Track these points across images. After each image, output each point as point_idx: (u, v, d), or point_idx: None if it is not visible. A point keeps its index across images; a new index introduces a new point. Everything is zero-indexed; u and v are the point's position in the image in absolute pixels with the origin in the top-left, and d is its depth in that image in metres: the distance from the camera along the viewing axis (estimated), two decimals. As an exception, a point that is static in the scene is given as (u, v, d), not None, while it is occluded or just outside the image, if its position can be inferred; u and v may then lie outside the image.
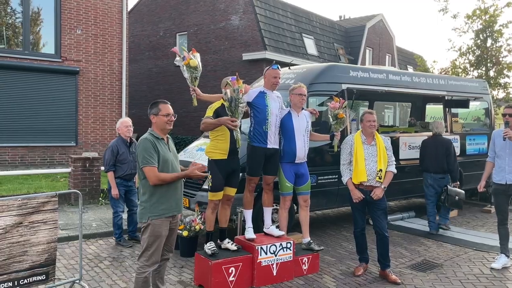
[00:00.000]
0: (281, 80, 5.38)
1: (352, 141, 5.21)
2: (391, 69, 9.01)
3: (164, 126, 3.80)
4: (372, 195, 5.05)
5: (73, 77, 13.15)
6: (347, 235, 7.07)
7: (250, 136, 5.09)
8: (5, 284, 3.71)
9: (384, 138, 5.29)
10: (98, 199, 8.58)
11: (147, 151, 3.63)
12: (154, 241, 3.71)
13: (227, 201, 5.03)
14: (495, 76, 13.81)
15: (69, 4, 12.97)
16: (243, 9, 18.00)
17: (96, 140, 13.58)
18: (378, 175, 5.04)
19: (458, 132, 8.95)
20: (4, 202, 3.69)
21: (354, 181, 5.14)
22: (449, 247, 6.60)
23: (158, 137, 3.76)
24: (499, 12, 13.55)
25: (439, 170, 7.19)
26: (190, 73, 4.61)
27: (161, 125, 3.78)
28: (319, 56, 20.19)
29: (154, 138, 3.73)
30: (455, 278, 5.25)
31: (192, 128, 17.55)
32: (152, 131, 3.80)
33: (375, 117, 5.16)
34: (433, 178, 7.25)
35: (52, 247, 4.01)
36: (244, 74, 15.04)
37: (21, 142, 12.29)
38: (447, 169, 7.18)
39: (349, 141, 5.28)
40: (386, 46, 26.26)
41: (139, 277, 3.73)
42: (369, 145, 5.13)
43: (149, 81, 21.67)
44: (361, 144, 5.13)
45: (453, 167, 7.22)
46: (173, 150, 3.93)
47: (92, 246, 6.18)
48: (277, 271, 4.98)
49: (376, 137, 5.20)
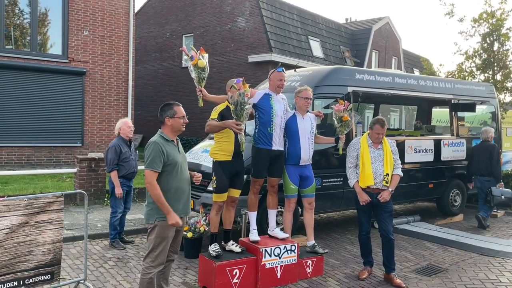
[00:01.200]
0: (287, 82, 5.38)
1: (359, 144, 5.19)
2: (397, 72, 8.98)
3: (180, 128, 3.84)
4: (379, 197, 5.03)
5: (80, 78, 13.24)
6: (352, 238, 7.05)
7: (255, 138, 5.10)
8: (10, 284, 3.74)
9: (391, 142, 5.27)
10: (104, 199, 8.61)
11: (154, 155, 3.64)
12: (160, 242, 3.72)
13: (231, 203, 5.03)
14: (502, 80, 13.70)
15: (76, 5, 13.06)
16: (249, 11, 18.03)
17: (101, 141, 13.64)
18: (385, 180, 5.02)
19: (464, 136, 8.91)
20: (10, 201, 3.71)
21: (361, 185, 5.12)
22: (455, 251, 6.56)
23: (168, 139, 3.78)
24: (506, 16, 13.46)
25: (485, 173, 7.98)
26: (198, 73, 4.62)
27: (177, 127, 3.81)
28: (325, 59, 20.17)
29: (164, 141, 3.74)
30: (460, 283, 5.22)
31: (198, 130, 17.60)
32: (162, 133, 3.81)
33: (385, 129, 5.09)
34: (480, 180, 8.06)
35: (57, 247, 4.03)
36: (249, 76, 15.08)
37: (27, 142, 12.38)
38: (490, 171, 7.91)
39: (355, 144, 5.26)
40: (392, 49, 26.20)
41: (144, 278, 3.74)
42: (375, 148, 5.12)
43: (155, 83, 21.76)
44: (367, 148, 5.11)
45: (495, 169, 7.94)
46: (182, 151, 3.95)
47: (97, 246, 6.21)
48: (281, 273, 4.97)
49: (383, 140, 5.18)
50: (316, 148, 5.63)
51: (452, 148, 8.50)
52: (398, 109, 24.87)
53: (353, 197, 5.34)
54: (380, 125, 5.05)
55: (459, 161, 8.64)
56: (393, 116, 24.66)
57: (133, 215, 7.57)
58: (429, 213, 9.11)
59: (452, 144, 8.51)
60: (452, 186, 8.62)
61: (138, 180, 8.73)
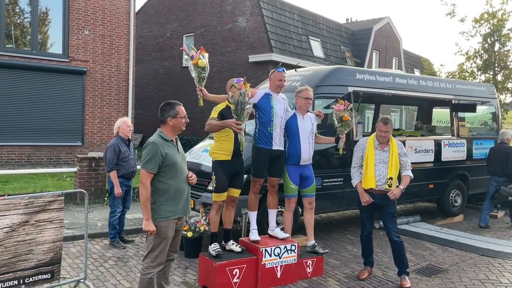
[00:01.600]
0: (287, 82, 5.38)
1: (365, 145, 5.15)
2: (398, 72, 8.97)
3: (181, 128, 3.83)
4: (390, 194, 4.93)
5: (80, 77, 13.24)
6: (352, 238, 7.05)
7: (255, 137, 5.09)
8: (10, 282, 3.74)
9: (399, 144, 5.15)
10: (104, 198, 8.61)
11: (151, 156, 3.62)
12: (160, 242, 3.72)
13: (231, 202, 5.03)
14: (502, 81, 13.72)
15: (77, 4, 13.06)
16: (250, 11, 18.03)
17: (102, 140, 13.64)
18: (388, 183, 4.96)
19: (464, 137, 8.91)
20: (11, 200, 3.72)
21: (363, 186, 5.09)
22: (455, 252, 6.56)
23: (167, 139, 3.75)
24: (507, 16, 13.48)
25: (501, 173, 8.09)
26: (198, 72, 4.62)
27: (179, 127, 3.80)
28: (326, 59, 20.17)
29: (163, 141, 3.72)
30: (460, 283, 5.22)
31: (198, 129, 17.60)
32: (161, 133, 3.78)
33: (389, 127, 4.98)
34: (497, 181, 8.12)
35: (57, 246, 4.03)
36: (250, 76, 15.08)
37: (27, 141, 12.38)
38: (506, 173, 8.02)
39: (361, 144, 5.22)
40: (393, 49, 26.19)
41: (144, 278, 3.74)
42: (381, 150, 5.04)
43: (155, 82, 21.76)
44: (373, 149, 5.06)
45: (511, 171, 8.01)
46: (181, 151, 3.93)
47: (97, 245, 6.21)
48: (281, 273, 4.97)
49: (391, 143, 5.07)
50: (317, 148, 5.62)
51: (452, 149, 8.50)
52: (399, 109, 24.87)
53: (353, 197, 5.33)
54: (383, 122, 4.98)
55: (460, 162, 8.64)
56: (394, 116, 24.65)
57: (133, 214, 7.57)
58: (429, 214, 9.11)
59: (452, 144, 8.50)
60: (452, 187, 8.61)
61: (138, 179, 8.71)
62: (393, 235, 5.10)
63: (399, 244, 5.09)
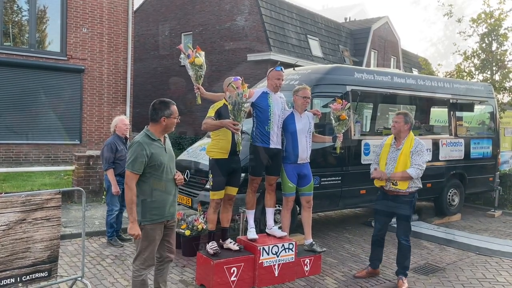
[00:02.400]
0: (285, 81, 5.38)
1: (383, 144, 5.19)
2: (396, 72, 8.98)
3: (172, 128, 3.76)
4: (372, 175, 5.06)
5: (78, 76, 13.20)
6: (350, 237, 7.06)
7: (253, 136, 5.10)
8: (7, 280, 3.73)
9: (418, 143, 4.96)
10: (101, 197, 8.59)
11: (136, 156, 3.49)
12: (148, 245, 3.64)
13: (228, 201, 5.03)
14: (500, 80, 13.72)
15: (75, 2, 13.02)
16: (248, 10, 18.01)
17: (100, 139, 13.60)
18: (392, 181, 4.95)
19: (462, 136, 8.92)
20: (8, 198, 3.71)
21: (375, 183, 5.15)
22: (452, 251, 6.57)
23: (154, 138, 3.62)
24: (505, 16, 13.48)
25: None
26: (195, 71, 4.63)
27: (171, 127, 3.72)
28: (324, 58, 20.17)
29: (149, 140, 3.58)
30: (458, 282, 5.23)
31: (196, 128, 17.58)
32: (148, 131, 3.64)
33: (400, 118, 4.96)
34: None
35: (55, 244, 4.02)
36: (248, 74, 15.05)
37: (25, 139, 12.35)
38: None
39: (382, 142, 5.27)
40: (391, 48, 26.21)
41: (136, 280, 3.70)
42: (396, 148, 5.03)
43: (153, 81, 21.72)
44: (388, 147, 5.08)
45: None
46: (169, 150, 3.78)
47: (95, 244, 6.20)
48: (279, 272, 4.98)
49: (406, 140, 4.96)
50: (314, 146, 5.62)
51: (450, 148, 8.51)
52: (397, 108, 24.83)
53: (351, 196, 5.33)
54: (396, 113, 5.05)
55: (457, 161, 8.65)
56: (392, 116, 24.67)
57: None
58: (426, 213, 9.12)
59: (450, 143, 8.52)
60: (450, 186, 8.62)
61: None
62: (402, 238, 5.05)
63: (406, 247, 5.04)
